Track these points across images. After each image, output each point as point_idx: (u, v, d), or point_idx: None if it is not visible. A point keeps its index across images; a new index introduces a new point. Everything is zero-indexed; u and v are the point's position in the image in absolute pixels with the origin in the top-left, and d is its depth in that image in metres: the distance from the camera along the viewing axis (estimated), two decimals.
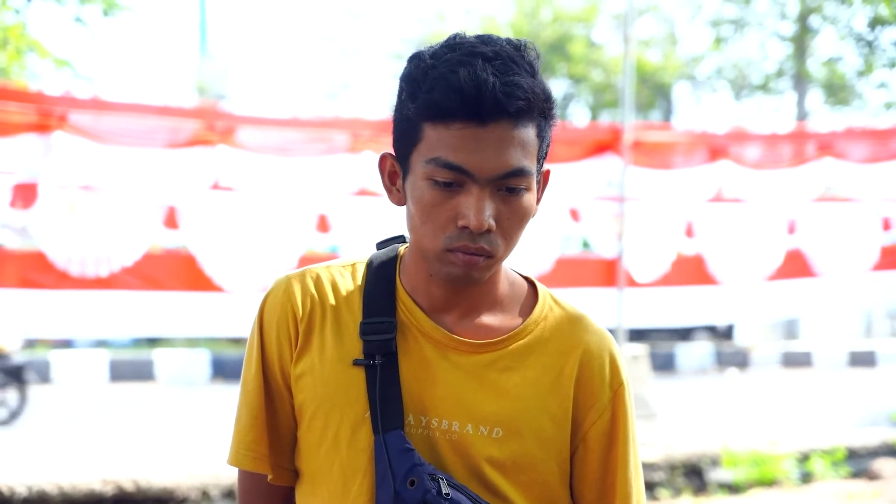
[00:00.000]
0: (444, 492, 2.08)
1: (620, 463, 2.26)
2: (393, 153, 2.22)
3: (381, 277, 2.27)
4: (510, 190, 2.09)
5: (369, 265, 2.30)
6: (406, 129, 2.14)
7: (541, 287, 2.34)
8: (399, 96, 2.19)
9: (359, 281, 2.28)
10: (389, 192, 2.24)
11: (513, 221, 2.12)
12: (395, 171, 2.22)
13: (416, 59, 2.16)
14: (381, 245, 2.36)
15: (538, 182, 2.20)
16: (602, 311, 10.26)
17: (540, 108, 2.11)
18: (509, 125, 2.06)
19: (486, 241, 2.09)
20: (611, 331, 2.39)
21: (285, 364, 2.26)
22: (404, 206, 2.21)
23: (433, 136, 2.08)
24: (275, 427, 2.28)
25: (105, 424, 14.74)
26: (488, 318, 2.25)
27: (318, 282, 2.28)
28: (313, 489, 2.24)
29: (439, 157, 2.07)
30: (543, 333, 2.26)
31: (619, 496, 2.26)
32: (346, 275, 2.29)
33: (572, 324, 2.29)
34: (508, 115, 2.06)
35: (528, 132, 2.10)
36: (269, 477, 2.28)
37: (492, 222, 2.08)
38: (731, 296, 11.27)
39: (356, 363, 2.18)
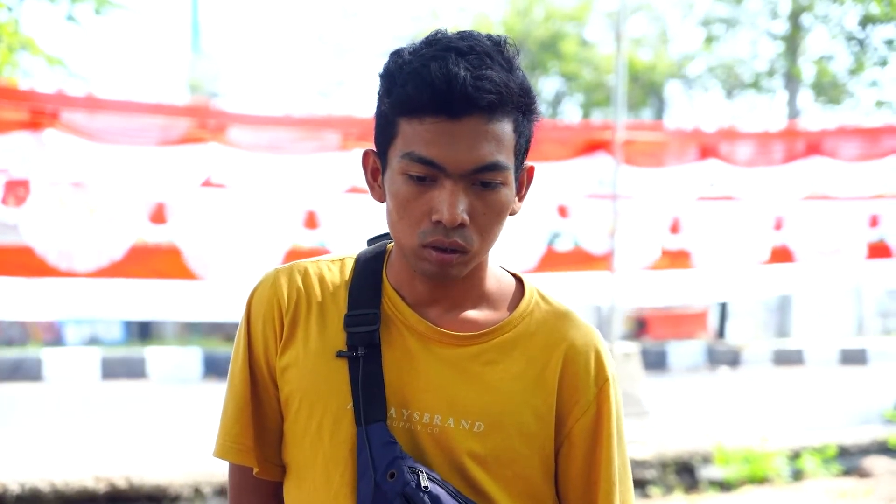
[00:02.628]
0: (423, 485, 2.08)
1: (605, 460, 2.24)
2: (375, 149, 2.22)
3: (367, 271, 2.27)
4: (484, 184, 2.09)
5: (357, 260, 2.30)
6: (383, 124, 2.15)
7: (528, 283, 2.32)
8: (378, 92, 2.19)
9: (346, 275, 2.28)
10: (372, 188, 2.24)
11: (489, 217, 2.11)
12: (376, 168, 2.22)
13: (394, 56, 2.16)
14: (371, 241, 2.36)
15: (518, 178, 2.19)
16: (588, 295, 10.37)
17: (516, 103, 2.10)
18: (482, 119, 2.06)
19: (460, 235, 2.08)
20: (603, 324, 2.40)
21: (271, 357, 2.26)
22: (385, 203, 2.21)
23: (408, 131, 2.08)
24: (261, 420, 2.28)
25: (97, 422, 14.73)
26: (473, 313, 2.24)
27: (305, 275, 2.28)
28: (299, 482, 2.24)
29: (413, 152, 2.07)
30: (529, 328, 2.24)
31: (601, 493, 2.24)
32: (333, 269, 2.29)
33: (558, 319, 2.27)
34: (480, 109, 2.05)
35: (504, 127, 2.09)
36: (255, 470, 2.28)
37: (465, 217, 2.07)
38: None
39: (339, 355, 2.18)
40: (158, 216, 9.16)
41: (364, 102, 34.54)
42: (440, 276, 2.14)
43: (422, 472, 2.09)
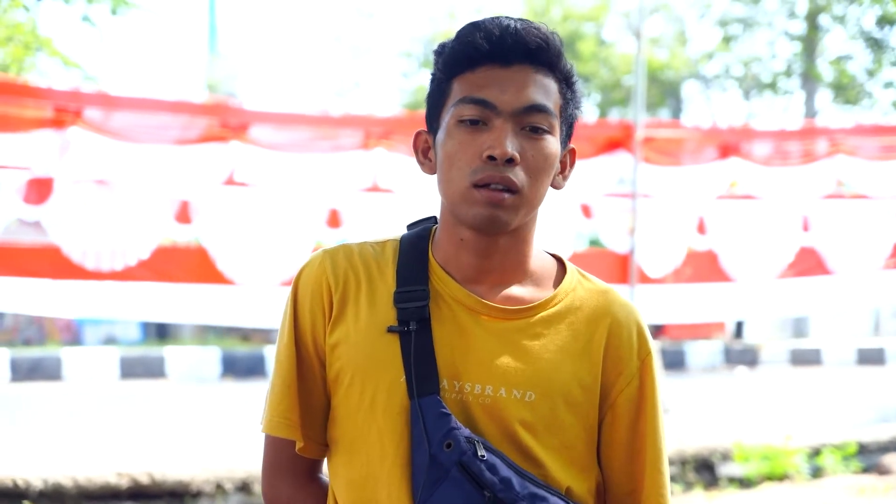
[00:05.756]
0: (479, 454, 2.13)
1: (649, 429, 2.31)
2: (424, 131, 2.35)
3: (414, 251, 2.33)
4: (533, 129, 2.20)
5: (402, 241, 2.37)
6: (437, 93, 2.29)
7: (569, 263, 2.40)
8: (431, 75, 2.33)
9: (392, 255, 2.34)
10: (422, 164, 2.35)
11: (537, 160, 2.21)
12: (427, 147, 2.33)
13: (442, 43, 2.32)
14: (412, 226, 2.42)
15: (564, 144, 2.31)
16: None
17: (561, 67, 2.26)
18: (531, 68, 2.21)
19: (511, 172, 2.17)
20: None
21: (318, 336, 2.31)
22: (434, 176, 2.31)
23: (459, 86, 2.23)
24: (306, 397, 2.32)
25: (117, 421, 14.78)
26: (518, 289, 2.31)
27: (352, 255, 2.34)
28: (350, 457, 2.28)
29: (466, 96, 2.20)
30: (573, 303, 2.32)
31: (648, 461, 2.31)
32: (378, 250, 2.36)
33: (601, 295, 2.35)
34: (529, 55, 2.21)
35: (549, 81, 2.24)
36: (299, 445, 2.33)
37: (515, 154, 2.17)
38: (743, 293, 11.28)
39: (390, 330, 2.24)
40: (183, 215, 9.20)
41: (381, 102, 34.59)
42: (491, 221, 2.20)
43: (478, 442, 2.14)
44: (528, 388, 2.22)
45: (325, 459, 2.39)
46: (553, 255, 2.42)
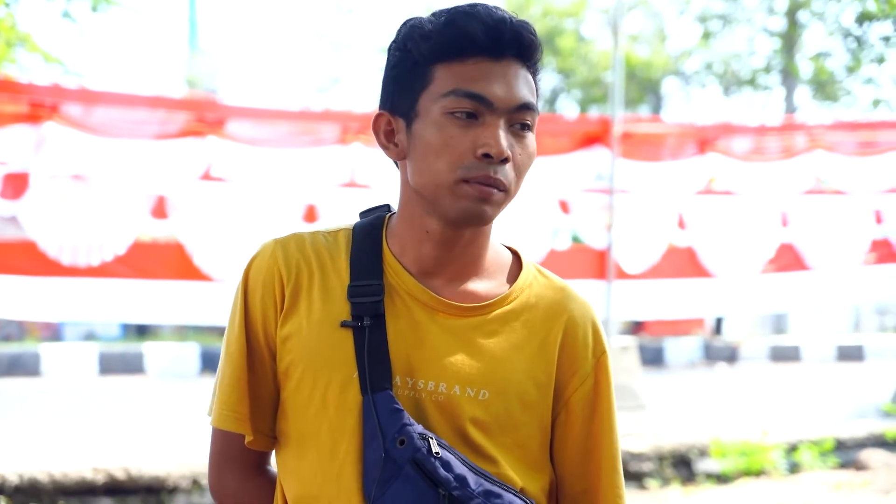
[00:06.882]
0: (434, 451, 2.10)
1: (605, 428, 2.30)
2: (387, 112, 2.26)
3: (367, 241, 2.28)
4: (522, 126, 2.17)
5: (355, 230, 2.31)
6: (412, 75, 2.19)
7: (525, 257, 2.37)
8: (396, 52, 2.25)
9: (345, 245, 2.29)
10: (386, 149, 2.27)
11: (524, 158, 2.18)
12: (390, 129, 2.25)
13: (413, 20, 2.23)
14: (364, 214, 2.37)
15: None
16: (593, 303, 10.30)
17: (538, 63, 2.22)
18: (518, 63, 2.17)
19: (503, 173, 2.13)
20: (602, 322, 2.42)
21: (269, 327, 2.27)
22: (402, 161, 2.25)
23: (446, 75, 2.15)
24: (255, 389, 2.28)
25: (95, 417, 14.73)
26: (474, 284, 2.27)
27: (304, 245, 2.29)
28: (300, 451, 2.24)
29: (458, 89, 2.13)
30: (529, 300, 2.29)
31: (604, 460, 2.31)
32: (331, 239, 2.31)
33: (557, 292, 2.33)
34: (519, 51, 2.16)
35: (530, 77, 2.20)
36: (248, 439, 2.29)
37: (510, 152, 2.13)
38: (721, 289, 11.30)
39: (344, 325, 2.19)
40: (160, 210, 9.18)
41: (361, 98, 34.55)
42: (476, 216, 2.16)
43: (432, 438, 2.11)
44: (481, 387, 2.20)
45: (273, 452, 2.36)
46: (510, 248, 2.39)
